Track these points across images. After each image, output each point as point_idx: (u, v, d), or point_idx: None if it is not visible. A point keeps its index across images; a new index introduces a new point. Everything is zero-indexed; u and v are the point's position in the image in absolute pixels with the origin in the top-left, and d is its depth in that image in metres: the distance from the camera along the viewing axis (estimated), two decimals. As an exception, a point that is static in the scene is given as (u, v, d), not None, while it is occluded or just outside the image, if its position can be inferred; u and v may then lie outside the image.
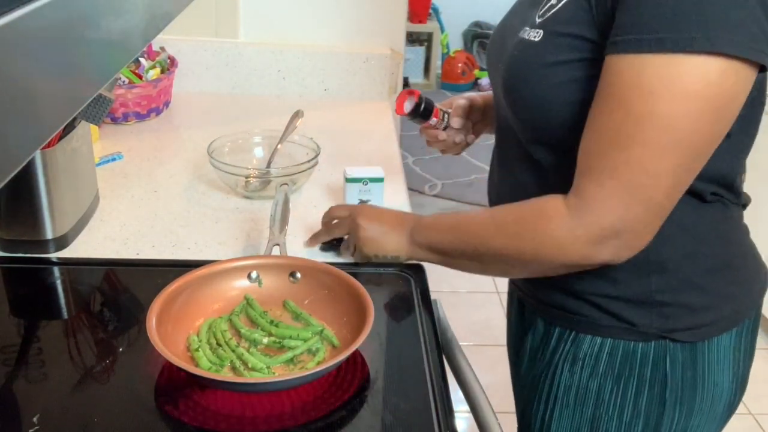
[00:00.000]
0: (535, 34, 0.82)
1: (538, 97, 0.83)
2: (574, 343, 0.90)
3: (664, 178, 0.73)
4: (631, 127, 0.72)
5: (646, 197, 0.74)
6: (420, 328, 0.94)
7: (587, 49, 0.78)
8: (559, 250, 0.80)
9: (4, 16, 0.31)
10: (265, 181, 1.27)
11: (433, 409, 0.81)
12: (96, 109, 0.98)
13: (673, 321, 0.85)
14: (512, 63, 0.85)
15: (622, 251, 0.78)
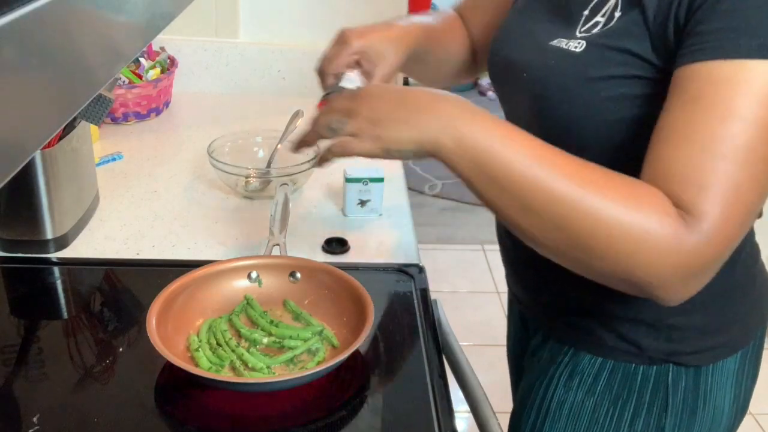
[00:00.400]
0: (576, 44, 0.76)
1: (575, 113, 0.75)
2: (573, 358, 0.88)
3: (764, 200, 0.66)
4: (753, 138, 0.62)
5: (751, 220, 0.65)
6: (420, 328, 0.94)
7: (637, 66, 0.71)
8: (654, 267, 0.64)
9: (4, 16, 0.31)
10: (265, 181, 1.27)
11: (433, 409, 0.81)
12: (96, 109, 0.98)
13: (680, 344, 0.82)
14: (548, 74, 0.77)
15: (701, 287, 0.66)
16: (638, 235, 0.63)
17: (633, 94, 0.72)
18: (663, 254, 0.63)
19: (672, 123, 0.66)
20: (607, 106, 0.73)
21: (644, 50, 0.71)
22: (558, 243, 0.67)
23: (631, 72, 0.72)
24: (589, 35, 0.76)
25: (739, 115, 0.62)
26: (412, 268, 1.08)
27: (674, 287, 0.65)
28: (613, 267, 0.65)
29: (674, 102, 0.66)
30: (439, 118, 0.67)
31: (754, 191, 0.63)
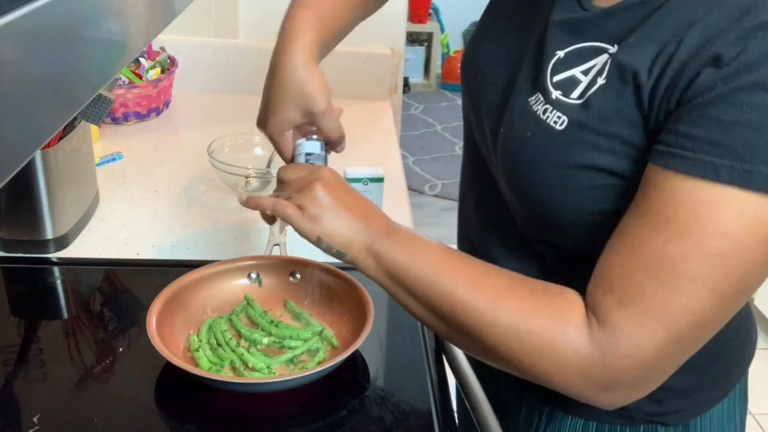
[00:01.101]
0: (557, 119, 0.67)
1: (552, 199, 0.68)
2: (551, 421, 0.82)
3: (717, 326, 0.62)
4: (700, 268, 0.57)
5: (691, 349, 0.62)
6: (420, 328, 0.94)
7: (626, 155, 0.63)
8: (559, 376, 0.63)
9: (4, 16, 0.31)
10: (265, 181, 1.27)
11: (433, 409, 0.81)
12: (96, 109, 0.98)
13: (663, 405, 0.78)
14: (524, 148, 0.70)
15: (628, 399, 0.64)
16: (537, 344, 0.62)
17: (618, 185, 0.65)
18: (565, 364, 0.62)
19: (625, 226, 0.62)
20: (588, 197, 0.66)
21: (637, 137, 0.63)
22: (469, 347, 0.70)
23: (616, 162, 0.64)
24: (568, 103, 0.66)
25: (691, 240, 0.57)
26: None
27: (595, 397, 0.63)
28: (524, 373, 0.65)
29: (637, 204, 0.62)
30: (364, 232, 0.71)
31: (686, 319, 0.59)
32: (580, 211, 0.67)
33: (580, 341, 0.61)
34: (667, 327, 0.59)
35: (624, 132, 0.63)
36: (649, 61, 0.62)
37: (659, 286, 0.59)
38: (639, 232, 0.60)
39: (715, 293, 0.58)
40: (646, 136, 0.62)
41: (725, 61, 0.57)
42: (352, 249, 0.71)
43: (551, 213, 0.70)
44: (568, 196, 0.67)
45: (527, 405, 0.85)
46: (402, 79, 1.95)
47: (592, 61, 0.66)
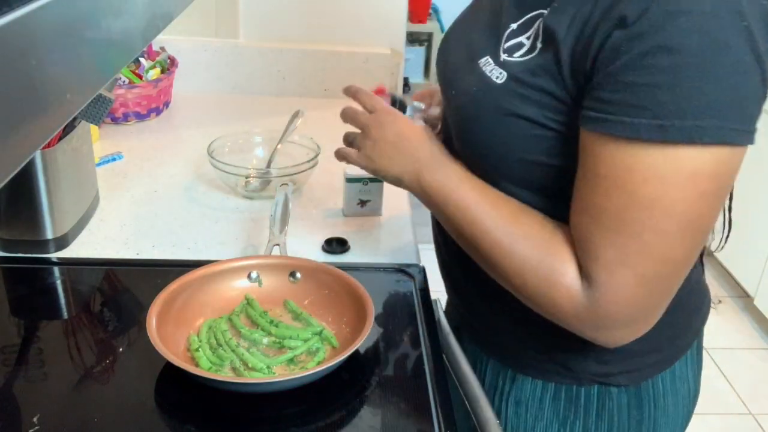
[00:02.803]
0: (498, 74, 0.75)
1: (495, 148, 0.76)
2: (514, 383, 0.89)
3: (680, 264, 0.69)
4: (638, 212, 0.66)
5: (658, 285, 0.69)
6: (420, 328, 0.94)
7: (553, 107, 0.71)
8: (562, 320, 0.74)
9: (5, 16, 0.31)
10: (265, 181, 1.27)
11: (433, 409, 0.81)
12: (96, 109, 0.98)
13: (610, 366, 0.84)
14: (469, 102, 0.78)
15: (626, 338, 0.73)
16: (542, 286, 0.73)
17: (547, 136, 0.72)
18: (561, 306, 0.72)
19: (577, 191, 0.71)
20: (522, 146, 0.74)
21: (560, 92, 0.70)
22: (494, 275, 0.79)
23: (545, 114, 0.71)
24: (511, 61, 0.74)
25: (627, 191, 0.66)
26: (412, 268, 1.08)
27: (594, 336, 0.73)
28: (533, 306, 0.76)
29: (580, 169, 0.70)
30: (412, 164, 0.84)
31: (645, 259, 0.67)
32: (516, 159, 0.75)
33: (572, 290, 0.71)
34: (633, 269, 0.67)
35: (549, 86, 0.70)
36: (568, 21, 0.69)
37: (615, 235, 0.67)
38: (586, 193, 0.70)
39: (661, 232, 0.66)
40: (567, 92, 0.70)
41: (630, 21, 0.63)
42: (402, 182, 0.86)
43: (493, 162, 0.77)
44: (504, 144, 0.75)
45: (491, 368, 0.92)
46: (402, 79, 1.95)
47: (534, 26, 0.74)
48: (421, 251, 1.15)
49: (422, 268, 1.08)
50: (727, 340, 2.67)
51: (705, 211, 0.67)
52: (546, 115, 0.71)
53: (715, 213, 0.69)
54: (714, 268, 3.08)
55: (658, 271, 0.68)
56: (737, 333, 2.72)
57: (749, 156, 0.89)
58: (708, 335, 1.00)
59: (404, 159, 0.85)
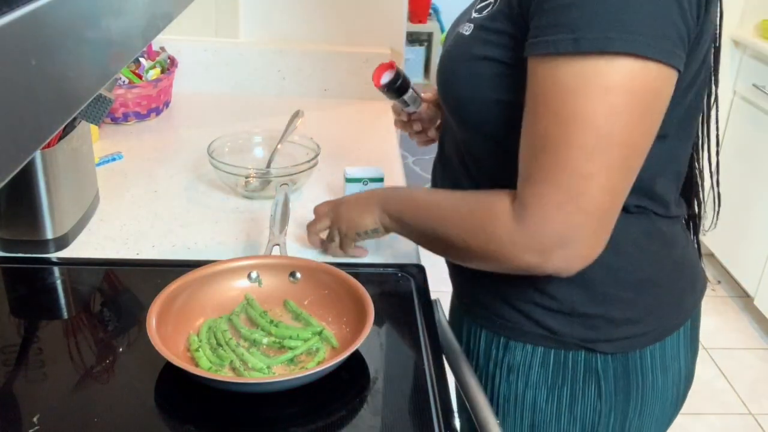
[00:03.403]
0: (468, 28, 0.83)
1: (466, 92, 0.83)
2: (506, 350, 0.91)
3: (600, 178, 0.71)
4: (558, 129, 0.70)
5: (586, 202, 0.71)
6: (420, 328, 0.94)
7: (510, 46, 0.77)
8: (504, 255, 0.77)
9: (5, 16, 0.31)
10: (265, 181, 1.27)
11: (433, 409, 0.81)
12: (96, 109, 0.98)
13: (594, 332, 0.86)
14: (445, 56, 0.87)
15: (572, 261, 0.75)
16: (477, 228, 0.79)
17: (511, 75, 0.78)
18: (501, 237, 0.76)
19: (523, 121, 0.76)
20: (486, 85, 0.81)
21: (513, 29, 0.77)
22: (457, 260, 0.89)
23: (507, 54, 0.78)
24: (479, 16, 0.83)
25: (551, 111, 0.71)
26: (412, 268, 1.08)
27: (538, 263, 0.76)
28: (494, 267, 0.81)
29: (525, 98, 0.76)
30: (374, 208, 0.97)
31: (566, 175, 0.71)
32: (486, 100, 0.81)
33: (505, 219, 0.76)
34: (555, 185, 0.71)
35: (506, 27, 0.78)
36: None
37: (539, 154, 0.72)
38: (525, 120, 0.75)
39: (578, 147, 0.70)
40: (519, 30, 0.76)
41: None
42: (377, 223, 0.97)
43: (468, 107, 0.84)
44: (475, 86, 0.82)
45: (485, 338, 0.94)
46: (402, 79, 1.95)
47: None
48: (421, 251, 1.15)
49: (422, 268, 1.08)
50: (727, 340, 2.67)
51: (621, 126, 0.70)
52: (507, 54, 0.78)
53: (636, 132, 0.71)
54: (714, 268, 3.09)
55: (581, 187, 0.71)
56: (737, 333, 2.72)
57: (749, 156, 0.89)
58: (708, 335, 1.01)
59: (367, 211, 0.98)
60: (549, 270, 0.76)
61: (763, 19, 2.75)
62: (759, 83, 2.65)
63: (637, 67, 0.68)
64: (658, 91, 0.71)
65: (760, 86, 2.64)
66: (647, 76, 0.69)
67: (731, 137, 2.86)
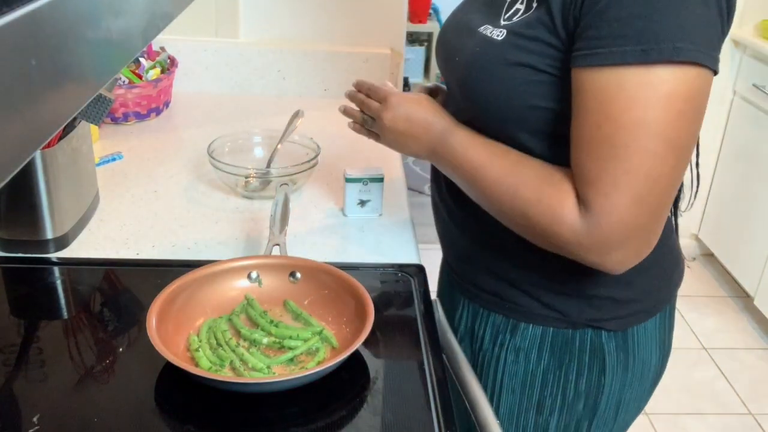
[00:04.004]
0: (499, 33, 0.84)
1: (501, 97, 0.84)
2: (514, 333, 0.96)
3: (663, 182, 0.75)
4: (625, 136, 0.73)
5: (651, 204, 0.76)
6: (420, 328, 0.94)
7: (547, 54, 0.79)
8: (567, 250, 0.81)
9: (5, 16, 0.31)
10: (265, 181, 1.27)
11: (433, 409, 0.81)
12: (96, 109, 0.98)
13: (601, 312, 0.92)
14: (474, 59, 0.87)
15: (629, 259, 0.79)
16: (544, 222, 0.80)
17: (545, 82, 0.80)
18: (564, 237, 0.79)
19: (573, 130, 0.79)
20: (523, 91, 0.82)
21: (555, 40, 0.79)
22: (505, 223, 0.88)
23: (543, 61, 0.80)
24: (510, 23, 0.84)
25: (612, 117, 0.74)
26: (412, 268, 1.08)
27: (599, 261, 0.79)
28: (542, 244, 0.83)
29: (574, 110, 0.78)
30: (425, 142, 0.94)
31: (636, 180, 0.74)
32: (518, 105, 0.83)
33: (571, 219, 0.78)
34: (625, 190, 0.75)
35: (543, 36, 0.79)
36: None
37: (606, 162, 0.75)
38: (580, 129, 0.77)
39: (647, 153, 0.73)
40: (559, 39, 0.78)
41: None
42: (420, 156, 0.96)
43: (497, 110, 0.85)
44: (507, 91, 0.83)
45: (492, 322, 0.98)
46: (402, 79, 1.95)
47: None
48: (421, 251, 1.15)
49: (422, 268, 1.08)
50: (727, 340, 2.67)
51: (684, 130, 0.74)
52: (543, 61, 0.80)
53: (693, 134, 0.76)
54: (714, 268, 3.08)
55: (649, 189, 0.75)
56: (737, 333, 2.72)
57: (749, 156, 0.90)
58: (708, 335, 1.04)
59: (416, 139, 0.95)
60: (606, 268, 0.80)
61: (763, 19, 2.75)
62: (759, 83, 2.65)
63: (694, 74, 0.72)
64: (706, 95, 0.76)
65: (760, 86, 2.64)
66: (701, 83, 0.73)
67: (731, 137, 2.86)
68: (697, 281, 3.02)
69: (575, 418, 0.98)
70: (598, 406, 0.97)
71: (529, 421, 0.99)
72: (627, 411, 1.00)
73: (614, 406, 0.98)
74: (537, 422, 0.99)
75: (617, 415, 0.99)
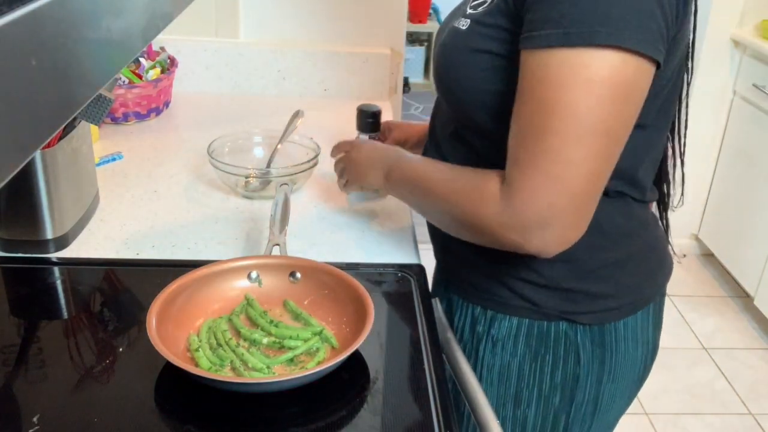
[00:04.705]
0: (464, 23, 0.87)
1: (464, 83, 0.87)
2: (491, 323, 0.97)
3: (581, 165, 0.76)
4: (544, 117, 0.75)
5: (567, 186, 0.76)
6: (420, 328, 0.94)
7: (506, 40, 0.82)
8: (490, 232, 0.82)
9: (5, 15, 0.31)
10: (265, 181, 1.27)
11: (433, 409, 0.81)
12: (96, 109, 0.98)
13: (575, 305, 0.93)
14: (442, 49, 0.91)
15: (551, 243, 0.79)
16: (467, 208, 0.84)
17: (505, 67, 0.82)
18: (490, 216, 0.81)
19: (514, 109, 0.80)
20: (485, 77, 0.85)
21: (508, 24, 0.81)
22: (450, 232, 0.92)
23: (503, 46, 0.82)
24: (474, 12, 0.87)
25: (538, 100, 0.75)
26: (412, 268, 1.08)
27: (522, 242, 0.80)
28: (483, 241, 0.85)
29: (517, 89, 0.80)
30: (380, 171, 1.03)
31: (551, 160, 0.75)
32: (481, 90, 0.86)
33: (493, 199, 0.80)
34: (541, 169, 0.76)
35: (502, 22, 0.82)
36: None
37: (527, 139, 0.77)
38: (515, 110, 0.80)
39: (563, 134, 0.74)
40: (515, 24, 0.80)
41: None
42: (378, 183, 1.04)
43: (462, 95, 0.88)
44: (470, 76, 0.86)
45: (471, 313, 1.00)
46: (402, 79, 1.95)
47: None
48: (421, 251, 1.15)
49: (422, 268, 1.08)
50: (727, 340, 2.67)
51: (604, 116, 0.74)
52: (502, 47, 0.82)
53: (620, 121, 0.76)
54: (714, 268, 3.08)
55: (565, 170, 0.75)
56: (737, 333, 2.72)
57: (749, 156, 0.90)
58: (708, 335, 1.03)
59: (373, 166, 1.05)
60: (530, 250, 0.80)
61: (763, 19, 2.75)
62: (759, 83, 2.66)
63: (619, 59, 0.73)
64: (637, 82, 0.76)
65: (760, 86, 2.64)
66: (628, 69, 0.74)
67: (731, 137, 2.86)
68: (697, 281, 3.02)
69: (552, 412, 0.98)
70: (574, 399, 0.97)
71: (507, 413, 0.99)
72: (608, 408, 1.00)
73: (592, 401, 0.98)
74: (515, 415, 0.99)
75: (596, 411, 0.99)
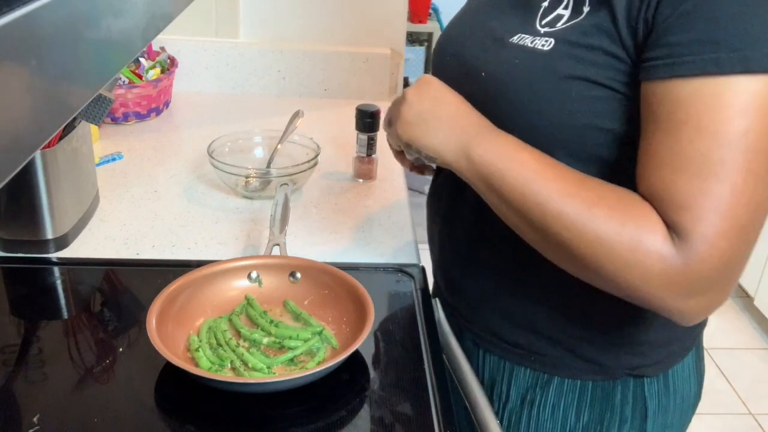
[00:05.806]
0: (544, 42, 0.72)
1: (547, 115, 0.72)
2: (546, 388, 0.87)
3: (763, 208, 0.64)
4: (727, 153, 0.61)
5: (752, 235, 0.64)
6: (420, 328, 0.94)
7: (610, 66, 0.68)
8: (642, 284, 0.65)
9: (5, 15, 0.31)
10: (265, 181, 1.27)
11: (433, 409, 0.81)
12: (96, 109, 0.98)
13: (640, 358, 0.84)
14: (513, 74, 0.74)
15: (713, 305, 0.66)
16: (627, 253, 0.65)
17: (603, 97, 0.69)
18: (651, 272, 0.64)
19: (647, 147, 0.66)
20: (578, 109, 0.70)
21: (617, 49, 0.68)
22: (557, 256, 0.71)
23: (604, 73, 0.69)
24: (554, 30, 0.72)
25: (709, 132, 0.62)
26: (412, 268, 1.08)
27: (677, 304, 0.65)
28: (611, 283, 0.68)
29: (648, 125, 0.66)
30: (456, 134, 0.76)
31: (737, 204, 0.62)
32: (573, 125, 0.71)
33: (664, 249, 0.63)
34: (728, 216, 0.62)
35: (604, 44, 0.68)
36: None
37: (703, 182, 0.62)
38: (662, 146, 0.64)
39: (751, 171, 0.61)
40: (624, 49, 0.67)
41: None
42: (443, 155, 0.77)
43: (546, 131, 0.72)
44: (560, 108, 0.71)
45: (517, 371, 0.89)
46: (402, 79, 1.95)
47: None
48: (421, 251, 1.15)
49: (422, 268, 1.08)
50: (727, 340, 2.67)
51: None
52: (602, 74, 0.69)
53: None
54: (714, 268, 3.08)
55: (751, 216, 0.63)
56: (737, 333, 2.72)
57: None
58: (708, 335, 1.02)
59: (444, 126, 0.77)
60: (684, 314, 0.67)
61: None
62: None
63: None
64: None
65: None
66: None
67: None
68: (697, 281, 3.02)
69: None
70: None
71: None
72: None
73: None
74: None
75: None
